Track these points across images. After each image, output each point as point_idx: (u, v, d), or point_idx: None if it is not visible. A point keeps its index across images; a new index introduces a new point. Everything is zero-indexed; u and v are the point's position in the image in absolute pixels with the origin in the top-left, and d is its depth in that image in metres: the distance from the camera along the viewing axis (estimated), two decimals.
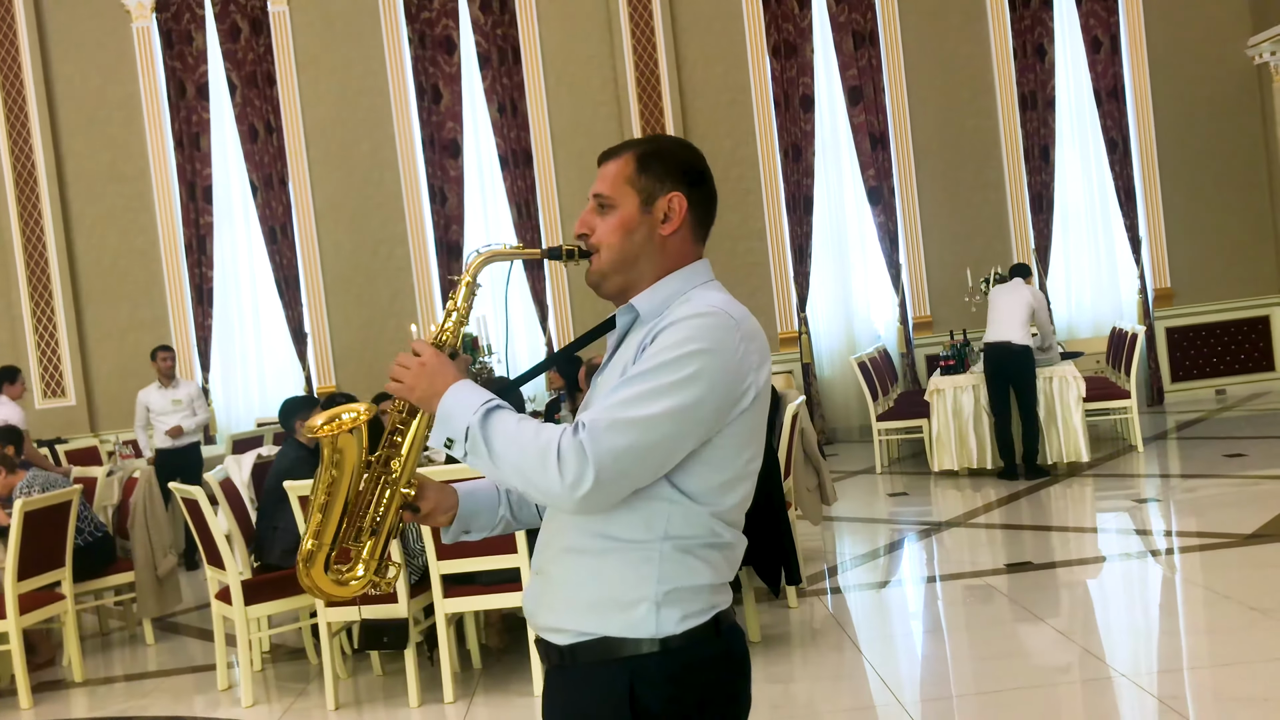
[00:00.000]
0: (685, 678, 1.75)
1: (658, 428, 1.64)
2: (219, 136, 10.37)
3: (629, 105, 10.09)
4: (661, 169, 1.82)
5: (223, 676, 5.25)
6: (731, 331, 1.71)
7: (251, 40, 10.27)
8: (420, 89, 10.31)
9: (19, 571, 5.23)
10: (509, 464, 1.66)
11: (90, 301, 10.33)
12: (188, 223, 10.33)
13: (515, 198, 10.29)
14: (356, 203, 10.38)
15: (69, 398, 10.14)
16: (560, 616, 1.79)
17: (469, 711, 4.61)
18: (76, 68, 10.24)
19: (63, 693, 5.46)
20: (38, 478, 5.77)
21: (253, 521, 5.69)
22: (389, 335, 10.23)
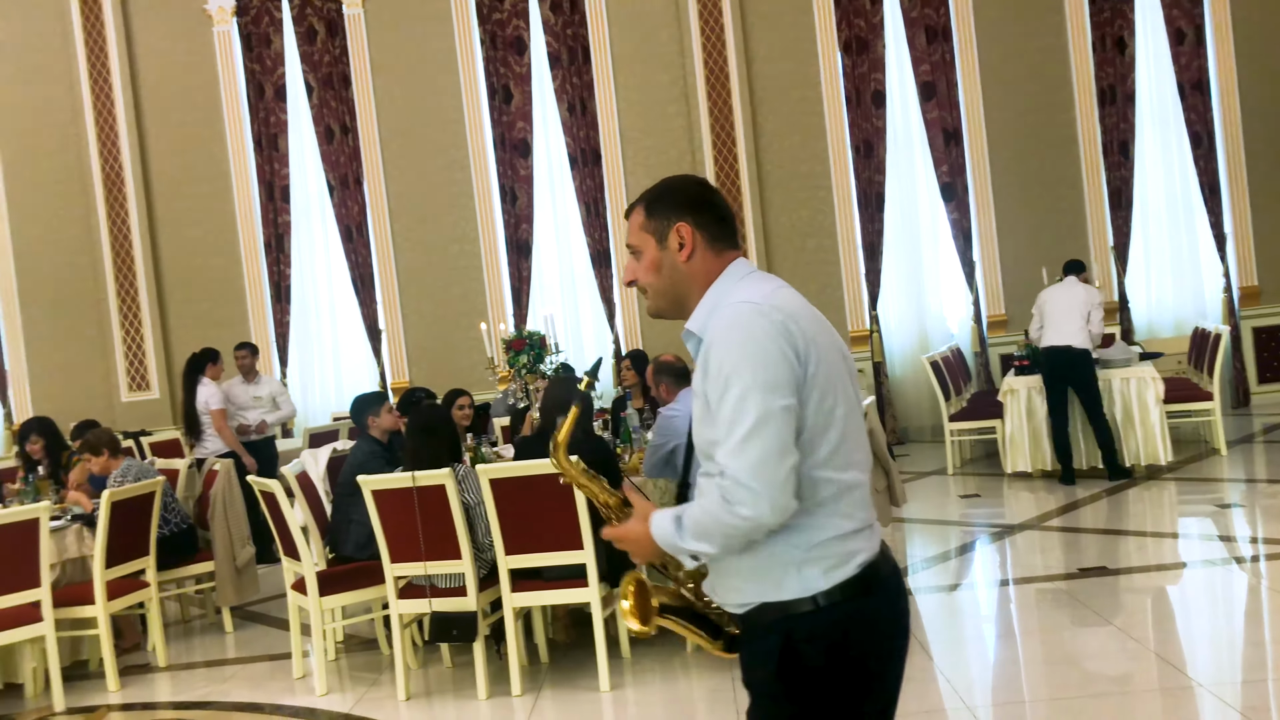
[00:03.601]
0: (836, 632, 1.94)
1: (766, 426, 1.86)
2: (296, 137, 10.60)
3: (698, 103, 10.09)
4: (664, 208, 2.11)
5: (298, 665, 5.39)
6: (755, 317, 1.92)
7: (327, 42, 10.48)
8: (491, 89, 10.42)
9: (107, 559, 5.42)
10: (718, 539, 1.92)
11: (173, 298, 10.63)
12: (266, 222, 10.58)
13: (584, 196, 10.35)
14: (429, 202, 10.53)
15: (153, 391, 10.45)
16: (729, 594, 2.04)
17: (536, 705, 4.67)
18: (161, 72, 10.54)
19: (147, 677, 5.64)
20: (132, 467, 5.97)
21: (328, 514, 5.81)
22: (460, 332, 10.36)
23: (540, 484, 4.60)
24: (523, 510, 4.67)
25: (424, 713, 4.73)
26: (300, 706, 4.93)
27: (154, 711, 5.11)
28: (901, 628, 2.04)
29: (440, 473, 4.71)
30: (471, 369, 10.02)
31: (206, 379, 8.18)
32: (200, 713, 4.98)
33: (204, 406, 8.14)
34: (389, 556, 4.85)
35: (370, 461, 5.55)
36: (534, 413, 6.40)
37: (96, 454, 6.03)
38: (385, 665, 5.38)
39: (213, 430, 8.15)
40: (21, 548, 5.06)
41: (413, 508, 4.74)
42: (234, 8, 10.47)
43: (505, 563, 4.72)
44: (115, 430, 6.90)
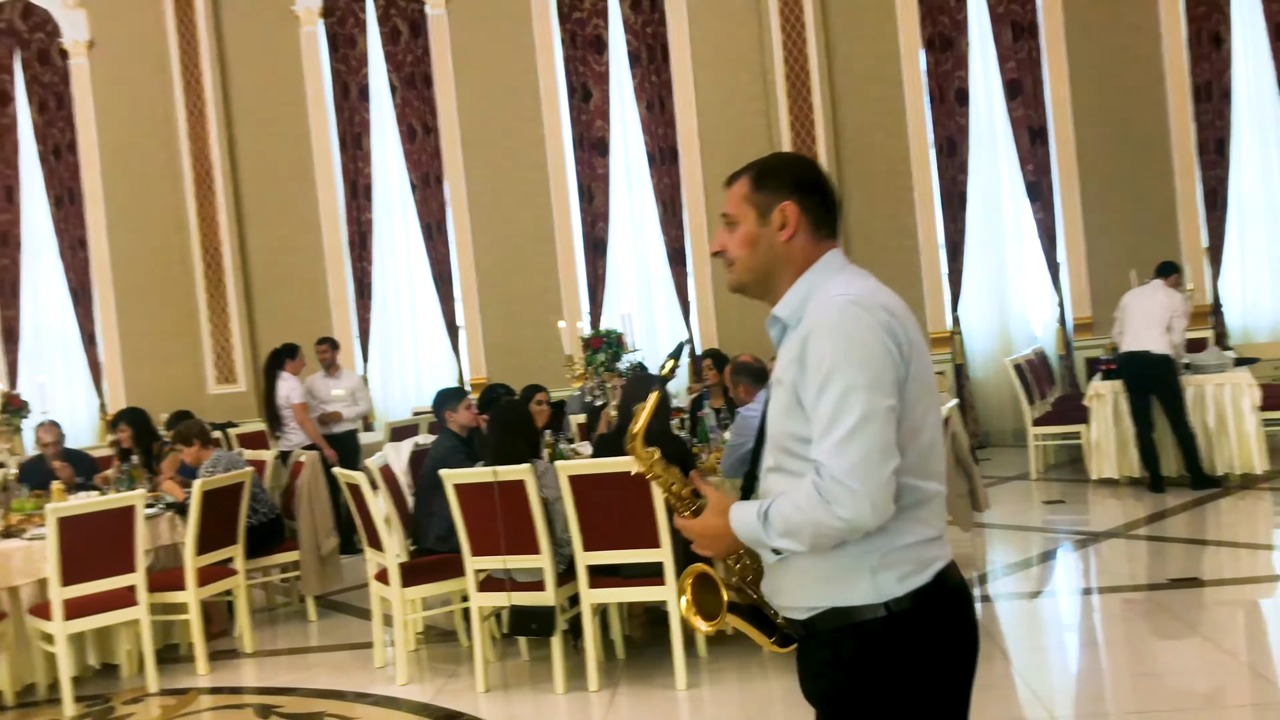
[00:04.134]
0: (909, 638, 1.90)
1: (868, 426, 1.83)
2: (379, 136, 10.78)
3: (777, 101, 10.03)
4: (774, 183, 2.04)
5: (379, 654, 5.49)
6: (860, 313, 1.87)
7: (410, 43, 10.64)
8: (571, 88, 10.49)
9: (198, 547, 5.58)
10: (808, 537, 1.87)
11: (259, 294, 10.90)
12: (350, 219, 10.79)
13: (661, 195, 10.37)
14: (508, 200, 10.63)
15: (239, 384, 10.73)
16: (792, 596, 1.99)
17: (613, 701, 4.69)
18: (249, 72, 10.81)
19: (235, 662, 5.80)
20: (222, 458, 6.14)
21: (409, 507, 5.91)
22: (536, 329, 10.44)
23: (619, 482, 4.61)
24: (601, 507, 4.70)
25: (502, 705, 4.78)
26: (382, 695, 5.02)
27: (241, 695, 5.26)
28: (972, 637, 1.99)
29: (520, 468, 4.76)
30: (547, 366, 10.09)
31: (286, 373, 8.37)
32: (285, 698, 5.11)
33: (285, 400, 8.34)
34: (469, 550, 4.92)
35: (451, 456, 5.63)
36: (611, 410, 6.43)
37: (189, 444, 6.22)
38: (464, 657, 5.46)
39: (294, 423, 8.34)
40: (118, 534, 5.24)
41: (493, 502, 4.79)
42: (320, 8, 10.69)
43: (583, 559, 4.75)
44: (203, 422, 7.11)
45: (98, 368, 10.97)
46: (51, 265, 11.09)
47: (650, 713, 4.58)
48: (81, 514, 5.18)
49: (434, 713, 4.74)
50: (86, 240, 10.95)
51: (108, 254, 10.92)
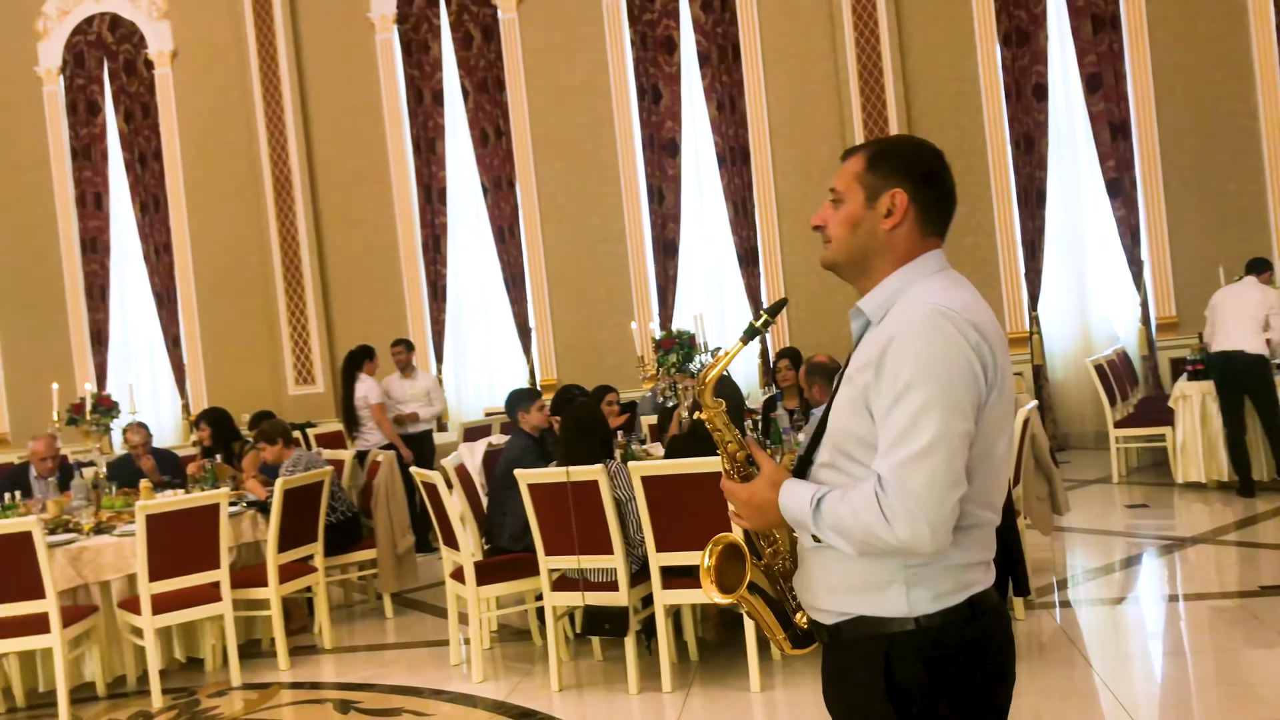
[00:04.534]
0: (940, 656, 1.84)
1: (939, 448, 1.75)
2: (453, 140, 10.92)
3: (850, 99, 9.93)
4: (889, 167, 1.92)
5: (455, 652, 5.55)
6: (951, 329, 1.77)
7: (483, 47, 10.76)
8: (641, 89, 10.51)
9: (278, 544, 5.70)
10: (856, 541, 1.81)
11: (336, 296, 11.11)
12: (424, 223, 10.94)
13: (732, 195, 10.33)
14: (578, 202, 10.69)
15: (318, 385, 10.95)
16: (822, 598, 1.94)
17: (686, 702, 4.68)
18: (326, 79, 11.03)
19: (314, 657, 5.91)
20: (303, 457, 6.27)
21: (483, 506, 5.97)
22: (608, 330, 10.49)
23: (693, 483, 4.61)
24: (674, 508, 4.69)
25: (576, 704, 4.80)
26: (458, 692, 5.07)
27: (320, 691, 5.35)
28: (1004, 658, 1.92)
29: (593, 469, 4.78)
30: (618, 367, 10.13)
31: (364, 375, 8.53)
32: (364, 694, 5.19)
33: (362, 401, 8.49)
34: (543, 549, 4.95)
35: (524, 456, 5.67)
36: (683, 411, 6.43)
37: (271, 443, 6.36)
38: (538, 656, 5.50)
39: (372, 423, 8.48)
40: (203, 531, 5.38)
41: (566, 502, 4.82)
42: (395, 15, 10.86)
43: (656, 560, 4.75)
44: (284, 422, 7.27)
45: (181, 369, 11.29)
46: (137, 270, 11.43)
47: (724, 714, 4.56)
48: (168, 511, 5.33)
49: (509, 710, 4.78)
50: (170, 245, 11.27)
51: (190, 259, 11.23)
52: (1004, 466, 1.90)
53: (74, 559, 5.45)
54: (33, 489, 6.71)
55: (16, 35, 11.41)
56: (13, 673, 5.53)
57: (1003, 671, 1.92)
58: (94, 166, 11.40)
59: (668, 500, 4.69)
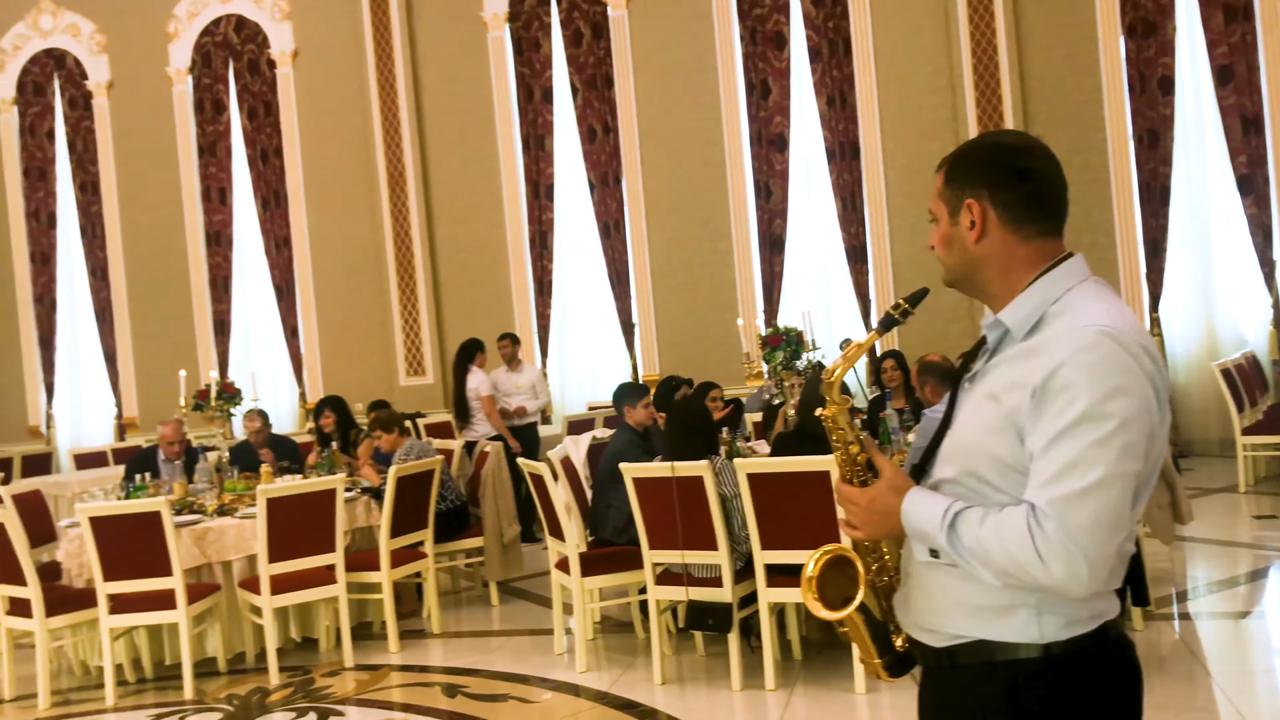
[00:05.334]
0: (1068, 686, 1.73)
1: (1110, 487, 1.62)
2: (561, 137, 11.04)
3: (964, 93, 9.71)
4: (962, 176, 1.81)
5: (559, 641, 5.62)
6: (1122, 359, 1.64)
7: (592, 45, 10.84)
8: (750, 85, 10.46)
9: (391, 530, 5.86)
10: (997, 570, 1.68)
11: (446, 291, 11.34)
12: (532, 219, 11.09)
13: (840, 191, 10.21)
14: (684, 198, 10.70)
15: (428, 376, 11.19)
16: (932, 619, 1.81)
17: (790, 701, 4.66)
18: (440, 78, 11.26)
19: (422, 641, 6.06)
20: (414, 446, 6.44)
21: (588, 498, 6.03)
22: (712, 327, 10.47)
23: (800, 481, 4.58)
24: (780, 506, 4.66)
25: (678, 698, 4.82)
26: (562, 681, 5.14)
27: (428, 674, 5.48)
28: (1135, 688, 1.80)
29: (699, 464, 4.79)
30: (722, 363, 10.11)
31: (475, 367, 8.70)
32: (470, 679, 5.30)
33: (473, 393, 8.66)
34: (647, 543, 4.97)
35: (629, 450, 5.71)
36: (789, 409, 6.38)
37: (387, 431, 6.53)
38: (640, 649, 5.53)
39: (481, 415, 8.65)
40: (320, 516, 5.56)
41: (671, 497, 4.83)
42: (507, 14, 11.03)
43: (761, 557, 4.73)
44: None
45: (299, 359, 11.67)
46: (258, 263, 11.85)
47: (827, 714, 4.52)
48: (287, 495, 5.52)
49: (612, 701, 4.83)
50: (290, 239, 11.66)
51: (309, 252, 11.60)
52: (1149, 492, 1.78)
53: (198, 539, 5.69)
54: (160, 471, 7.02)
55: (149, 37, 11.93)
56: (142, 645, 5.80)
57: (1133, 703, 1.81)
58: (219, 163, 11.86)
59: (774, 498, 4.67)
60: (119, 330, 12.10)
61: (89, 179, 12.20)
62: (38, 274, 12.37)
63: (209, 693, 5.41)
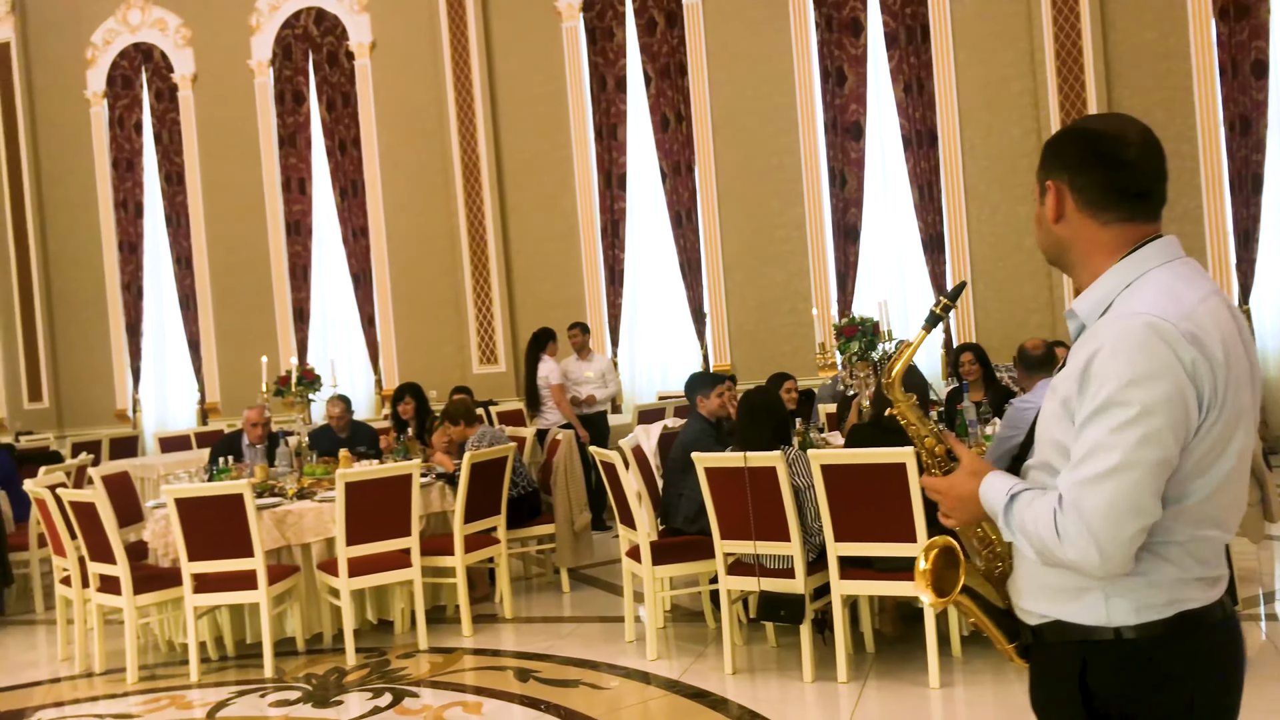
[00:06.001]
0: (1139, 671, 1.74)
1: (1127, 473, 1.65)
2: (634, 126, 11.03)
3: (1046, 79, 9.48)
4: (1050, 158, 1.85)
5: (629, 629, 5.64)
6: (1163, 347, 1.64)
7: (666, 33, 10.81)
8: (825, 72, 10.34)
9: (465, 515, 5.93)
10: (1036, 548, 1.75)
11: (518, 280, 11.42)
12: (604, 208, 11.11)
13: (917, 179, 10.05)
14: (757, 187, 10.63)
15: (500, 364, 11.30)
16: (1025, 598, 1.88)
17: (862, 693, 4.61)
18: (514, 67, 11.32)
19: (494, 626, 6.13)
20: (487, 433, 6.51)
21: (659, 487, 6.04)
22: (783, 316, 10.40)
23: (875, 473, 4.53)
24: (855, 498, 4.62)
25: (749, 688, 4.80)
26: (632, 668, 5.16)
27: (500, 658, 5.54)
28: (1224, 683, 1.77)
29: (772, 455, 4.75)
30: (794, 353, 10.04)
31: (546, 356, 8.76)
32: (542, 664, 5.35)
33: (544, 381, 8.72)
34: (719, 533, 4.96)
35: (700, 439, 5.70)
36: (864, 400, 6.31)
37: (455, 423, 6.61)
38: (710, 638, 5.52)
39: (552, 403, 8.70)
40: (397, 500, 5.64)
41: (744, 487, 4.81)
42: (581, 3, 11.04)
43: (834, 549, 4.69)
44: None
45: (375, 346, 11.86)
46: (336, 252, 12.07)
47: (901, 708, 4.47)
48: (365, 480, 5.62)
49: (683, 690, 4.83)
50: (367, 229, 11.84)
51: (385, 241, 11.77)
52: (1235, 481, 1.75)
53: (279, 521, 5.82)
54: (244, 455, 7.19)
55: (232, 30, 12.20)
56: (224, 624, 5.96)
57: (1221, 698, 1.77)
58: (298, 153, 12.09)
59: (848, 490, 4.62)
60: (202, 317, 12.43)
61: (174, 169, 12.53)
62: (125, 262, 12.75)
63: (288, 671, 5.54)
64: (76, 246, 12.91)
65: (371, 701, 4.97)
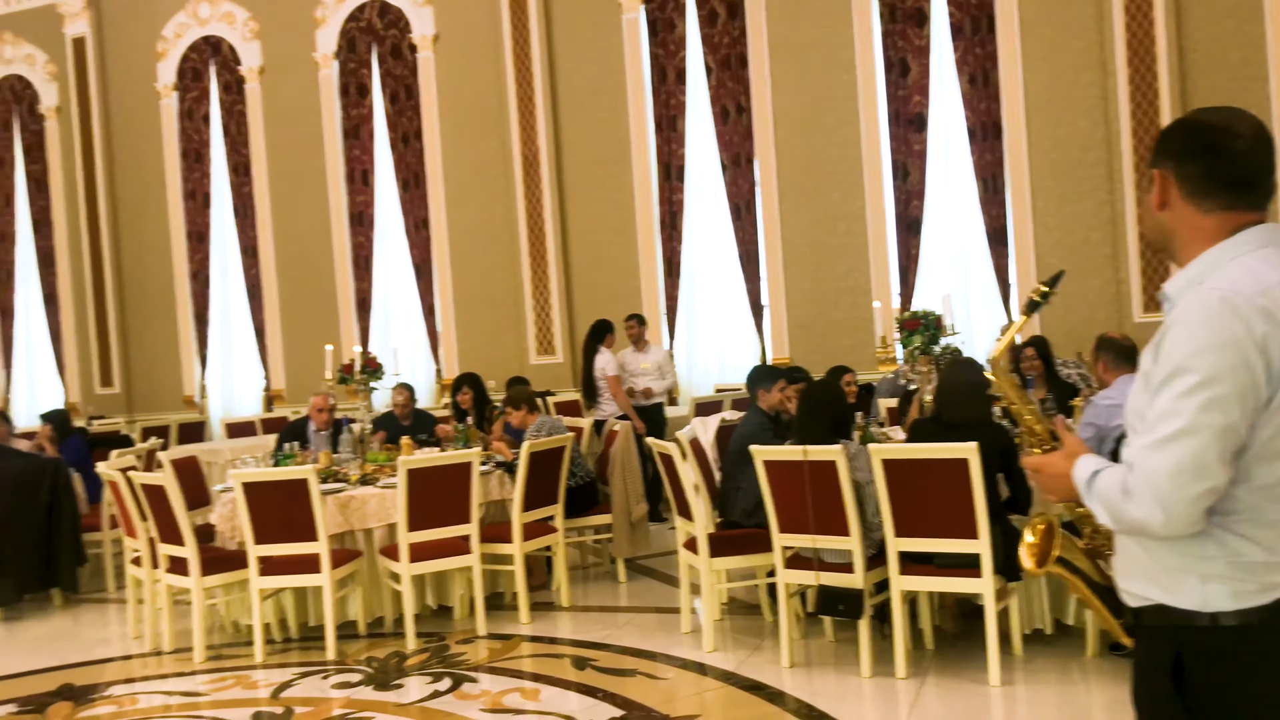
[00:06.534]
0: (1236, 657, 1.75)
1: (1191, 437, 1.73)
2: (693, 118, 11.00)
3: (1115, 70, 9.27)
4: (1159, 147, 1.93)
5: (686, 620, 5.66)
6: (1229, 317, 1.71)
7: (728, 25, 10.77)
8: (888, 63, 10.22)
9: (523, 503, 5.98)
10: (1111, 514, 1.84)
11: (576, 271, 11.46)
12: (662, 200, 11.10)
13: (981, 171, 9.90)
14: (817, 179, 10.54)
15: (557, 355, 11.35)
16: (1125, 579, 1.94)
17: (921, 690, 4.58)
18: (574, 59, 11.35)
19: (552, 613, 6.18)
20: (546, 423, 6.56)
21: (715, 480, 6.04)
22: (843, 310, 10.32)
23: (936, 468, 4.49)
24: (916, 494, 4.58)
25: (805, 682, 4.79)
26: (689, 660, 5.17)
27: (557, 646, 5.59)
28: None
29: (832, 449, 4.73)
30: (854, 347, 9.95)
31: (603, 348, 8.80)
32: (598, 652, 5.38)
33: (601, 373, 8.75)
34: (777, 527, 4.95)
35: (759, 433, 5.69)
36: (925, 395, 6.24)
37: (516, 408, 6.66)
38: (767, 631, 5.51)
39: (608, 394, 8.73)
40: (457, 488, 5.71)
41: (802, 481, 4.79)
42: None
43: (894, 544, 4.66)
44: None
45: (435, 337, 11.99)
46: (398, 242, 12.20)
47: (960, 705, 4.43)
48: (427, 467, 5.69)
49: (739, 682, 4.83)
50: (428, 220, 11.96)
51: (446, 233, 11.88)
52: None
53: (342, 506, 5.92)
54: (309, 441, 7.32)
55: (298, 23, 12.38)
56: (288, 606, 6.08)
57: None
58: (362, 145, 12.24)
59: (909, 485, 4.59)
60: (268, 306, 12.65)
61: (241, 161, 12.76)
62: (193, 251, 13.02)
63: (350, 654, 5.64)
64: (146, 236, 13.21)
65: (431, 685, 5.04)
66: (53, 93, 13.48)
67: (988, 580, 4.48)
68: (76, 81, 13.25)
